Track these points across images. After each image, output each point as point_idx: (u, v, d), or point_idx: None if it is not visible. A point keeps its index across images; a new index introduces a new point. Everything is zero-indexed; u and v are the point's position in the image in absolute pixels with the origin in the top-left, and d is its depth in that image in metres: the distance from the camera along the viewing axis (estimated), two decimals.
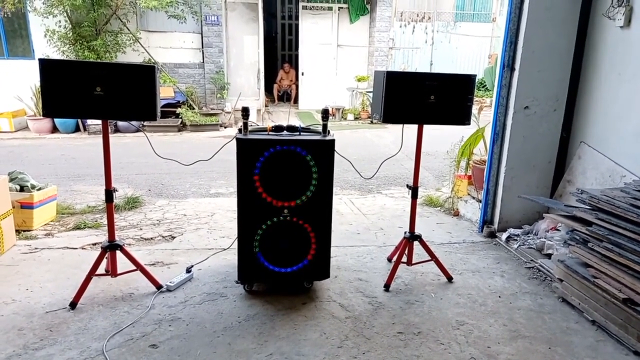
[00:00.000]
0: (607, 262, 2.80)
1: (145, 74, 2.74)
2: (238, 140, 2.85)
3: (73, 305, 2.90)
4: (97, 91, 2.68)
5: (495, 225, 4.29)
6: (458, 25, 14.61)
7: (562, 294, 3.15)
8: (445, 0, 15.23)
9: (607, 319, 2.77)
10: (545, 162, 4.19)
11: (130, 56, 10.67)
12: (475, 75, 3.16)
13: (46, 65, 2.63)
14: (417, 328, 2.82)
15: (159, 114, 2.85)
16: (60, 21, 9.78)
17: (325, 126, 2.99)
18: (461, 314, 3.00)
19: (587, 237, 2.97)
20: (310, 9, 12.64)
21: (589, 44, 3.95)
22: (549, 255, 3.71)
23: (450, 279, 3.43)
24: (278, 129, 3.00)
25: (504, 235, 4.15)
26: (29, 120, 9.88)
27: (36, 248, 3.80)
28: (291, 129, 3.01)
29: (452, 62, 14.27)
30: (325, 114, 3.02)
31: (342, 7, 12.73)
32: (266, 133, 2.98)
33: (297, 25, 13.26)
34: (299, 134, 2.96)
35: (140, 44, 10.71)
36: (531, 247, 3.94)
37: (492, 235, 4.27)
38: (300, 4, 12.52)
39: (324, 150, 2.90)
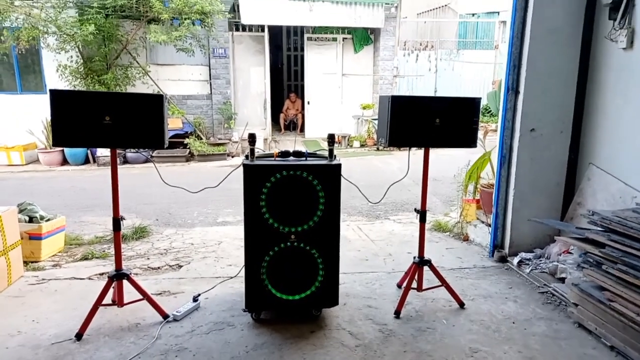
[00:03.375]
0: (623, 284, 2.73)
1: (153, 103, 2.79)
2: (245, 166, 2.86)
3: (79, 336, 2.87)
4: (106, 120, 2.72)
5: (506, 250, 4.22)
6: (461, 52, 14.82)
7: (578, 319, 3.06)
8: (447, 28, 15.54)
9: (626, 344, 2.68)
10: (554, 184, 4.16)
11: (140, 89, 10.89)
12: (479, 98, 3.18)
13: (57, 96, 2.69)
14: (430, 356, 2.74)
15: (167, 141, 2.88)
16: (72, 56, 10.06)
17: (331, 151, 3.00)
18: (474, 340, 2.91)
19: (600, 259, 2.91)
20: (315, 40, 12.90)
21: (592, 66, 3.98)
22: (562, 279, 3.62)
23: (462, 304, 3.36)
24: (284, 154, 3.02)
25: (516, 260, 4.07)
26: (40, 153, 10.03)
27: (43, 279, 3.79)
28: (297, 154, 3.02)
29: (456, 89, 14.39)
30: (331, 139, 3.03)
31: (346, 38, 12.98)
32: (273, 159, 2.99)
33: (302, 56, 13.51)
34: (305, 159, 2.97)
35: (150, 77, 10.96)
36: (544, 271, 3.85)
37: (503, 259, 4.20)
38: (306, 36, 12.79)
39: (331, 175, 2.90)
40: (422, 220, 3.34)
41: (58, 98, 2.69)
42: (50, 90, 2.69)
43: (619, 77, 3.71)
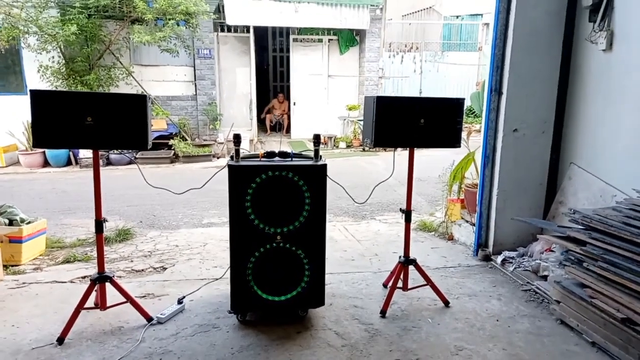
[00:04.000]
0: (604, 281, 2.78)
1: (136, 104, 2.76)
2: (230, 167, 2.84)
3: (60, 340, 2.82)
4: (88, 121, 2.68)
5: (490, 249, 4.27)
6: (445, 54, 14.98)
7: (560, 316, 3.11)
8: (432, 31, 15.68)
9: (607, 339, 2.73)
10: (536, 184, 4.22)
11: (123, 90, 10.75)
12: (463, 99, 3.21)
13: (37, 96, 2.64)
14: (415, 354, 2.76)
15: (150, 143, 2.85)
16: (53, 57, 9.89)
17: (317, 151, 3.00)
18: (459, 338, 2.94)
19: (581, 257, 2.96)
20: (301, 41, 12.90)
21: (573, 67, 4.05)
22: (545, 277, 3.67)
23: (447, 303, 3.38)
24: (270, 155, 3.01)
25: (499, 258, 4.12)
26: (20, 155, 9.85)
27: (24, 283, 3.71)
28: (283, 154, 3.01)
29: (440, 90, 14.54)
30: (317, 139, 3.03)
31: (332, 39, 13.01)
32: (258, 159, 2.98)
33: (288, 57, 13.50)
34: (291, 160, 2.97)
35: (133, 78, 10.84)
36: (527, 270, 3.90)
37: (487, 258, 4.24)
38: (291, 37, 12.79)
39: (316, 175, 2.90)
40: (408, 220, 3.36)
41: (38, 98, 2.63)
42: (31, 91, 2.64)
43: (599, 79, 3.78)
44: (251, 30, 12.01)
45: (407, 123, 3.09)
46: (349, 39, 13.02)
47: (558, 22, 3.97)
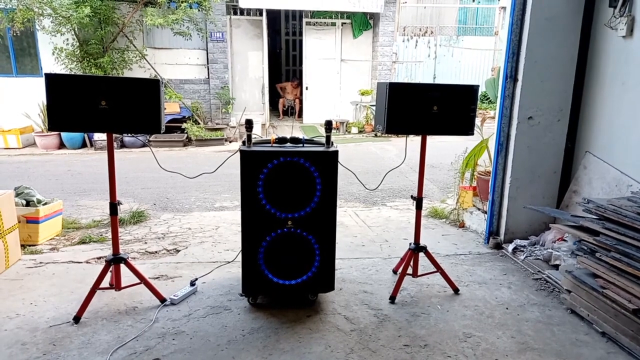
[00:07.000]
0: (616, 272, 2.76)
1: (150, 88, 2.77)
2: (242, 152, 2.86)
3: (77, 319, 2.89)
4: (102, 105, 2.71)
5: (501, 237, 4.25)
6: (461, 39, 14.71)
7: (571, 305, 3.10)
8: (447, 14, 15.38)
9: (618, 330, 2.72)
10: (550, 173, 4.17)
11: (137, 73, 10.82)
12: (477, 86, 3.17)
13: (52, 80, 2.67)
14: (424, 341, 2.78)
15: (163, 126, 2.87)
16: (68, 39, 9.94)
17: (328, 137, 3.00)
18: (468, 326, 2.95)
19: (594, 247, 2.93)
20: (314, 24, 12.78)
21: (591, 54, 3.96)
22: (556, 266, 3.66)
23: (456, 290, 3.39)
24: (282, 140, 3.01)
25: (511, 247, 4.11)
26: (37, 137, 9.99)
27: (41, 262, 3.81)
28: (295, 140, 3.02)
29: (455, 75, 14.33)
30: (328, 125, 3.03)
31: (345, 23, 12.86)
32: (270, 145, 2.99)
33: (301, 41, 13.39)
34: (303, 146, 2.97)
35: (147, 61, 10.86)
36: (538, 258, 3.89)
37: (498, 246, 4.23)
38: (304, 20, 12.67)
39: (328, 162, 2.90)
40: (419, 207, 3.36)
41: (54, 82, 2.67)
42: (46, 75, 2.67)
43: (618, 66, 3.70)
44: (264, 13, 11.92)
45: (419, 110, 3.06)
46: (363, 22, 12.86)
47: (577, 7, 3.87)
